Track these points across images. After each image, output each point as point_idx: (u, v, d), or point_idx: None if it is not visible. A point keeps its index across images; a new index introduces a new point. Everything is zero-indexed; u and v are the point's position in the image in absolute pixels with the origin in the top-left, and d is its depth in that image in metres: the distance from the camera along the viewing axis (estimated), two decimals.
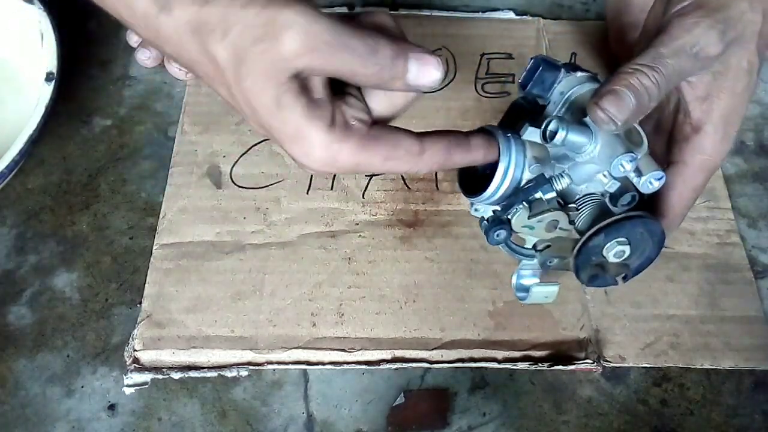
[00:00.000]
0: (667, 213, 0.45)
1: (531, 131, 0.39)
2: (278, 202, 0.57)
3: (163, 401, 0.49)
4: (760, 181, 0.62)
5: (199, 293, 0.53)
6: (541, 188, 0.40)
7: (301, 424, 0.49)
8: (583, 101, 0.40)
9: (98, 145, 0.61)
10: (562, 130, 0.38)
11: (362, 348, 0.51)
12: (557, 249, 0.43)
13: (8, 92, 0.60)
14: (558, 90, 0.41)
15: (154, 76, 0.65)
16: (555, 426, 0.50)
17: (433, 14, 0.70)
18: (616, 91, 0.38)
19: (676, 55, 0.40)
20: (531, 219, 0.40)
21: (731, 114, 0.43)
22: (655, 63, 0.39)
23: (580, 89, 0.41)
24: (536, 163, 0.39)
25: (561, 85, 0.41)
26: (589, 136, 0.39)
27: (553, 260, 0.44)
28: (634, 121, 0.39)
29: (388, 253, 0.55)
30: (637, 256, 0.43)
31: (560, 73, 0.41)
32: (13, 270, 0.54)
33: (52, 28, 0.57)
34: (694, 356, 0.52)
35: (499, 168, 0.39)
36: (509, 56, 0.67)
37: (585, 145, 0.39)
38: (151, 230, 0.56)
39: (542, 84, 0.41)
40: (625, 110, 0.38)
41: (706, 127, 0.43)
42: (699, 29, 0.40)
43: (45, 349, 0.51)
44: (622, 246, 0.41)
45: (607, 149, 0.39)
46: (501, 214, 0.41)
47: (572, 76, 0.41)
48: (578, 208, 0.42)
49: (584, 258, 0.41)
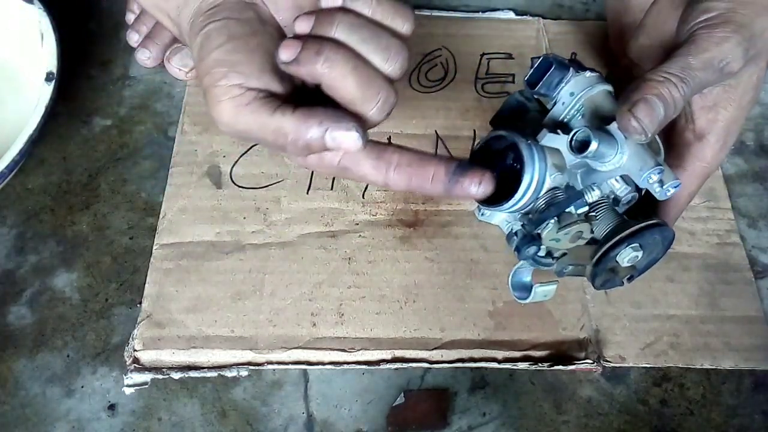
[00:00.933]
0: (663, 216, 0.45)
1: (550, 137, 0.39)
2: (278, 202, 0.57)
3: (163, 401, 0.49)
4: (760, 181, 0.62)
5: (199, 293, 0.53)
6: (574, 203, 0.39)
7: (301, 424, 0.49)
8: (597, 104, 0.39)
9: (98, 145, 0.61)
10: (595, 141, 0.37)
11: (362, 348, 0.51)
12: (574, 257, 0.43)
13: (8, 92, 0.60)
14: (567, 90, 0.40)
15: (154, 76, 0.65)
16: (555, 426, 0.50)
17: (433, 14, 0.70)
18: (648, 101, 0.37)
19: (704, 69, 0.39)
20: (560, 232, 0.40)
21: (733, 124, 0.43)
22: (685, 74, 0.39)
23: (590, 90, 0.40)
24: (557, 172, 0.38)
25: (570, 85, 0.40)
26: (614, 146, 0.38)
27: (568, 267, 0.43)
28: (658, 131, 0.39)
29: (388, 253, 0.55)
30: (645, 258, 0.43)
31: (569, 73, 0.40)
32: (13, 270, 0.54)
33: (52, 28, 0.57)
34: (694, 356, 0.52)
35: (524, 179, 0.38)
36: (509, 56, 0.67)
37: (611, 155, 0.38)
38: (151, 230, 0.56)
39: (550, 84, 0.40)
40: (656, 120, 0.37)
41: (709, 137, 0.43)
42: (728, 45, 0.40)
43: (45, 349, 0.51)
44: (636, 252, 0.41)
45: (635, 158, 0.39)
46: (531, 230, 0.40)
47: (581, 77, 0.40)
48: (596, 217, 0.41)
49: (603, 266, 0.41)
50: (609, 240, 0.40)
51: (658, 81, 0.38)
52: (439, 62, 0.66)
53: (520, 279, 0.46)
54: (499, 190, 0.38)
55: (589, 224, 0.40)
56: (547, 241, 0.40)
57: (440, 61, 0.66)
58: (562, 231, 0.40)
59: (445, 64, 0.66)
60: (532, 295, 0.45)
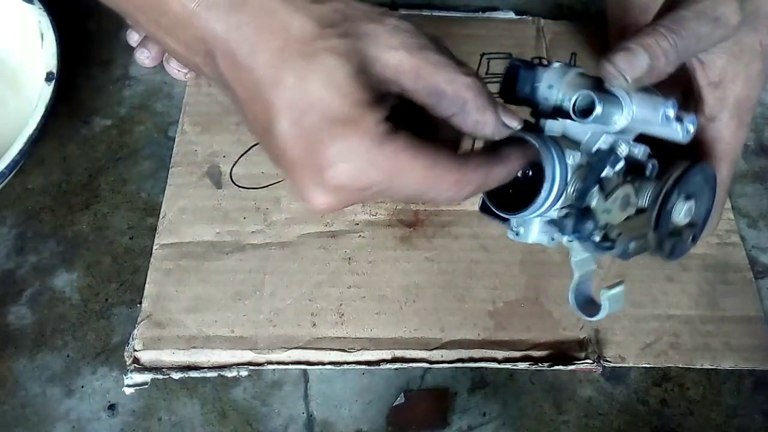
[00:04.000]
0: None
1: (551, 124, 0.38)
2: (278, 202, 0.57)
3: (163, 401, 0.49)
4: (760, 181, 0.62)
5: (199, 293, 0.53)
6: (608, 162, 0.37)
7: (301, 424, 0.49)
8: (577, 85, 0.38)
9: (98, 145, 0.61)
10: (599, 102, 0.36)
11: (362, 348, 0.51)
12: (631, 230, 0.39)
13: (8, 92, 0.60)
14: (544, 85, 0.39)
15: (154, 76, 0.65)
16: (555, 426, 0.50)
17: (433, 14, 0.70)
18: (629, 48, 0.36)
19: (698, 19, 0.38)
20: (607, 200, 0.37)
21: (745, 101, 0.41)
22: (676, 25, 0.38)
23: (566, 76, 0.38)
24: (574, 150, 0.37)
25: (545, 80, 0.39)
26: (618, 103, 0.37)
27: (631, 245, 0.39)
28: (648, 82, 0.38)
29: (388, 253, 0.55)
30: (698, 209, 0.40)
31: (538, 69, 0.39)
32: (13, 270, 0.54)
33: (52, 28, 0.57)
34: (694, 356, 0.52)
35: (547, 169, 0.36)
36: (509, 56, 0.67)
37: (618, 113, 0.37)
38: (151, 230, 0.56)
39: (525, 86, 0.39)
40: (637, 67, 0.36)
41: (721, 116, 0.42)
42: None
43: (45, 349, 0.51)
44: (689, 202, 0.38)
45: (645, 106, 0.37)
46: (579, 205, 0.37)
47: (551, 69, 0.39)
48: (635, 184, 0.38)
49: (664, 227, 0.38)
50: (658, 196, 0.38)
51: (645, 32, 0.37)
52: None
53: (582, 294, 0.42)
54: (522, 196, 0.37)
55: (633, 187, 0.38)
56: (600, 215, 0.38)
57: None
58: (609, 199, 0.37)
59: None
60: (603, 306, 0.40)
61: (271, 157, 0.33)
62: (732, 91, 0.41)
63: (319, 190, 0.31)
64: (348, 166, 0.30)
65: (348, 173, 0.30)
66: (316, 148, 0.30)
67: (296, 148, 0.30)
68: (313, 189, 0.31)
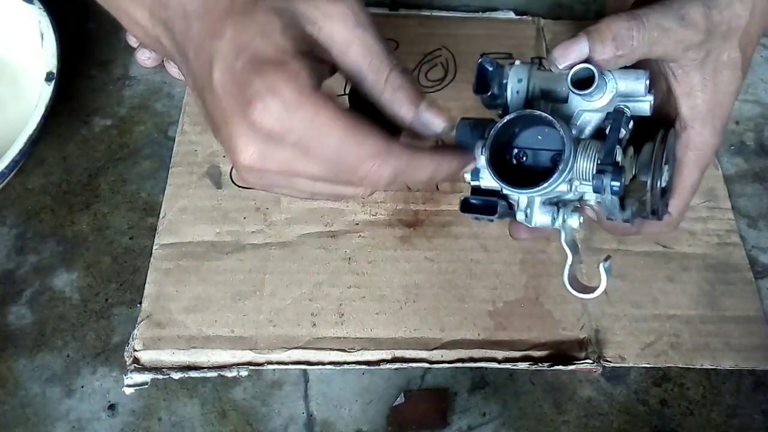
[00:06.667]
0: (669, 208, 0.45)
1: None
2: (278, 202, 0.57)
3: (163, 401, 0.49)
4: (760, 181, 0.62)
5: (199, 293, 0.53)
6: (622, 125, 0.39)
7: (301, 424, 0.49)
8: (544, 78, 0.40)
9: (98, 145, 0.61)
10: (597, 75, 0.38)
11: (362, 348, 0.51)
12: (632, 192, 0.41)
13: (8, 92, 0.60)
14: (513, 79, 0.40)
15: (154, 76, 0.65)
16: (555, 426, 0.50)
17: (433, 14, 0.70)
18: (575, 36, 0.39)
19: (663, 11, 0.40)
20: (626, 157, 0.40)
21: (716, 108, 0.43)
22: (640, 11, 0.39)
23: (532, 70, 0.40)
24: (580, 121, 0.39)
25: (513, 74, 0.40)
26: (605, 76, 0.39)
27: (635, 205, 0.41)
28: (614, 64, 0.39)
29: (388, 253, 0.55)
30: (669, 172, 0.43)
31: (505, 66, 0.41)
32: (13, 270, 0.54)
33: (52, 28, 0.57)
34: (694, 356, 0.52)
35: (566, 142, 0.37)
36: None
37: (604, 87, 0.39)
38: (151, 230, 0.56)
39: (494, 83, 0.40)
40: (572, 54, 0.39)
41: (693, 123, 0.43)
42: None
43: (45, 349, 0.51)
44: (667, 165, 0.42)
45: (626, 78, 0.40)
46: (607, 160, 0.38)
47: (516, 66, 0.41)
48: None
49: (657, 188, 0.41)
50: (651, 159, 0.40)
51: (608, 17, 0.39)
52: (439, 62, 0.66)
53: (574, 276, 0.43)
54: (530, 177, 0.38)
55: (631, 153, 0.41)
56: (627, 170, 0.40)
57: (440, 61, 0.66)
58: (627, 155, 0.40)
59: (445, 64, 0.66)
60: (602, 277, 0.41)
61: (209, 114, 0.34)
62: (701, 98, 0.43)
63: (246, 134, 0.32)
64: (273, 101, 0.31)
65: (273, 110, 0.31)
66: (245, 84, 0.32)
67: (227, 94, 0.32)
68: (240, 135, 0.32)
